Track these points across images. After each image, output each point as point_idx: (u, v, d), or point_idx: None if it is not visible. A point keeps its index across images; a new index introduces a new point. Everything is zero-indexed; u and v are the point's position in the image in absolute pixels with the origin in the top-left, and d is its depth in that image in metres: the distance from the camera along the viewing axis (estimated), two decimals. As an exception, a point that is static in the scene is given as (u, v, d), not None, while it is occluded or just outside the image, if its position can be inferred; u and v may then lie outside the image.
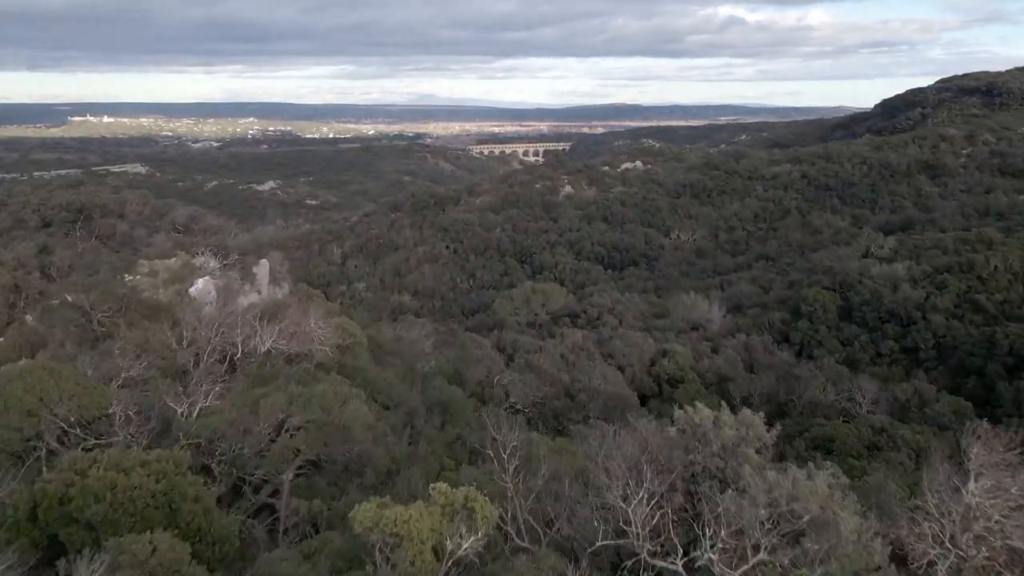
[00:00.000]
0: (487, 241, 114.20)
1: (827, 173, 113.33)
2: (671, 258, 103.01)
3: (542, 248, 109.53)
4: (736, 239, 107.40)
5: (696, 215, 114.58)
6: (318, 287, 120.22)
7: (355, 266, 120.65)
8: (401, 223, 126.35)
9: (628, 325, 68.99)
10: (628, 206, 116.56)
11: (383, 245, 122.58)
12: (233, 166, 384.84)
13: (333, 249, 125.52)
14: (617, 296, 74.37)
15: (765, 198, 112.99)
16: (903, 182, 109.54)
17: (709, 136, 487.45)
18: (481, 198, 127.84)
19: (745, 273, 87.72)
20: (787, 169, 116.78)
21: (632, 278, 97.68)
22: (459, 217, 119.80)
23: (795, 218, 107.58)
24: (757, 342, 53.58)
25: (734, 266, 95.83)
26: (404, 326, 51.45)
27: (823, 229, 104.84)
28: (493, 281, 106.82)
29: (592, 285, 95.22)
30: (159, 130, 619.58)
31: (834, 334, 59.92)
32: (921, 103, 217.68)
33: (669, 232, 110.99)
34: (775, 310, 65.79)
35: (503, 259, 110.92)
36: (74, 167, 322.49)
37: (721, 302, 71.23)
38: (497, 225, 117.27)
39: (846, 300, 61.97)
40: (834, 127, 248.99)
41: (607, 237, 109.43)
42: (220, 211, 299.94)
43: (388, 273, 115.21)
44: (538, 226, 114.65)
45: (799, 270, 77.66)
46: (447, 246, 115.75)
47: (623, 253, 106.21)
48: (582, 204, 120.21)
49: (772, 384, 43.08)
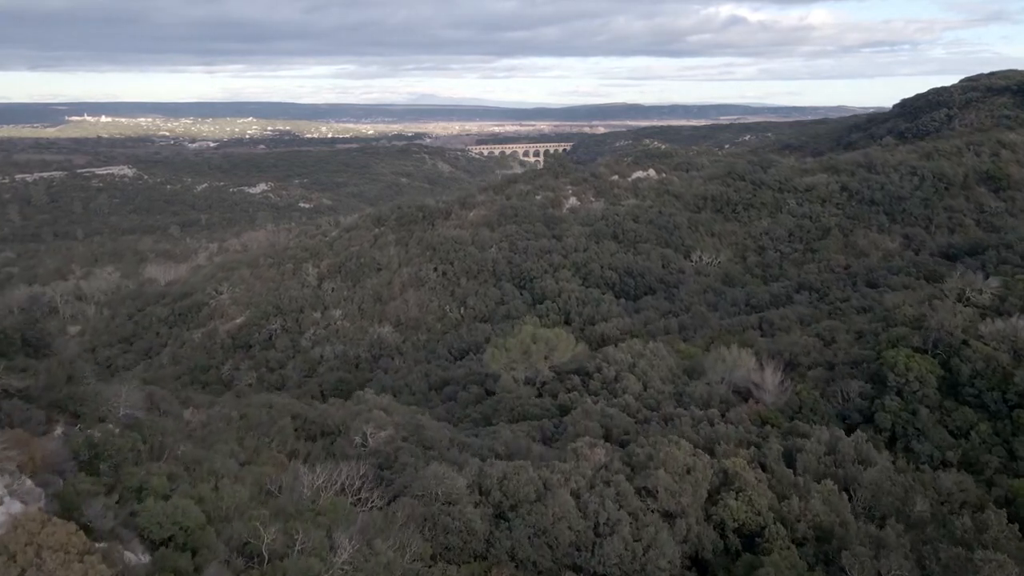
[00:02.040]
0: (481, 262, 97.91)
1: (870, 185, 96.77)
2: (694, 285, 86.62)
3: (544, 271, 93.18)
4: (768, 262, 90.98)
5: (720, 233, 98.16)
6: (290, 313, 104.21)
7: (332, 289, 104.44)
8: (385, 239, 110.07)
9: (656, 391, 52.85)
10: (641, 222, 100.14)
11: (364, 265, 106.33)
12: (226, 167, 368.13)
13: (308, 268, 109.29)
14: (639, 348, 58.03)
15: (800, 214, 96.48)
16: (960, 195, 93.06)
17: (712, 136, 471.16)
18: (475, 211, 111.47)
19: (789, 310, 71.31)
20: (823, 180, 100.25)
21: (649, 310, 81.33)
22: (449, 234, 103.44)
23: (836, 238, 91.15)
24: (848, 446, 37.27)
25: (770, 298, 79.43)
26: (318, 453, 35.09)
27: (869, 251, 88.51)
28: (487, 311, 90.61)
29: (603, 321, 78.99)
30: (156, 130, 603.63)
31: (938, 417, 43.66)
32: (946, 103, 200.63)
33: (690, 253, 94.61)
34: (847, 374, 49.48)
35: (499, 284, 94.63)
36: (60, 169, 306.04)
37: (771, 358, 55.01)
38: (492, 243, 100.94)
39: (949, 370, 45.74)
40: (850, 129, 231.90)
41: (618, 259, 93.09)
42: (209, 214, 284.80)
43: (368, 298, 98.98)
44: (539, 245, 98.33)
45: (867, 315, 61.14)
46: (435, 268, 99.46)
47: (637, 278, 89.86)
48: (589, 219, 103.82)
49: (903, 554, 26.66)
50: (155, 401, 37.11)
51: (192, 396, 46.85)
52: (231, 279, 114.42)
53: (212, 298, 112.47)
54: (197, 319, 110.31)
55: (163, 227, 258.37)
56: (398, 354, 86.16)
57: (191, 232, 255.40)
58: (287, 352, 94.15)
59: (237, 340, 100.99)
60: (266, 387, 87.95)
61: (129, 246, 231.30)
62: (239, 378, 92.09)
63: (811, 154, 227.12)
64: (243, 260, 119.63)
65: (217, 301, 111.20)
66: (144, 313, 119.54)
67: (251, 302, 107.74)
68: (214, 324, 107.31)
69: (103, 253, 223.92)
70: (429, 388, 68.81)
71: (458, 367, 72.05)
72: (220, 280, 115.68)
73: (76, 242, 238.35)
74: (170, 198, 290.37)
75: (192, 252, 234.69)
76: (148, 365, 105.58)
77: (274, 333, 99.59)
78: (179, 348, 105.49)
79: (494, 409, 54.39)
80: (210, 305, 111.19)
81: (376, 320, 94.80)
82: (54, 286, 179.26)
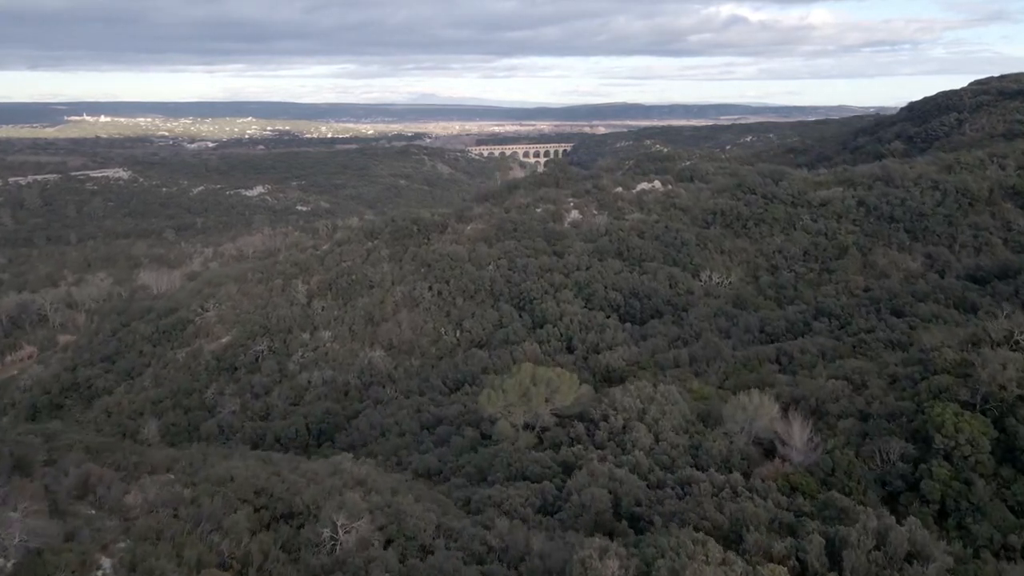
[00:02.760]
0: (478, 281, 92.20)
1: (889, 200, 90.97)
2: (704, 308, 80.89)
3: (544, 292, 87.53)
4: (782, 283, 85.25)
5: (730, 250, 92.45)
6: (277, 333, 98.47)
7: (322, 308, 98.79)
8: (378, 254, 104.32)
9: (669, 444, 47.17)
10: (647, 238, 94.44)
11: (356, 282, 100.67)
12: (223, 169, 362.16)
13: (298, 285, 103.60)
14: (649, 392, 52.36)
15: (815, 230, 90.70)
16: (985, 212, 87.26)
17: (714, 137, 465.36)
18: (472, 225, 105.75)
19: (808, 341, 65.64)
20: (839, 194, 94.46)
21: (658, 337, 75.64)
22: (445, 250, 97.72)
23: (854, 257, 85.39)
24: (901, 537, 31.60)
25: (787, 324, 73.70)
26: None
27: (890, 272, 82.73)
28: (485, 334, 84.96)
29: (608, 349, 73.35)
30: (156, 130, 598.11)
31: (995, 489, 38.07)
32: (956, 107, 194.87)
33: (699, 272, 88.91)
34: (883, 429, 43.78)
35: (497, 304, 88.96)
36: (54, 171, 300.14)
37: (795, 405, 49.43)
38: (490, 260, 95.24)
39: (1003, 430, 40.14)
40: (856, 132, 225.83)
41: (623, 279, 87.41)
42: (205, 218, 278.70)
43: (360, 319, 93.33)
44: (540, 262, 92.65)
45: (900, 354, 55.38)
46: (430, 286, 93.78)
47: (644, 300, 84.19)
48: (592, 235, 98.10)
49: None
50: (90, 485, 31.48)
51: (147, 456, 41.16)
52: (217, 295, 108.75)
53: (198, 315, 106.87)
54: (182, 337, 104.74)
55: (158, 231, 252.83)
56: (390, 381, 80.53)
57: (186, 236, 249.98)
58: (273, 376, 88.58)
59: (222, 361, 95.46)
60: (250, 416, 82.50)
61: (123, 251, 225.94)
62: (223, 404, 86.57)
63: (816, 158, 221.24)
64: (231, 274, 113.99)
65: (202, 319, 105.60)
66: (128, 329, 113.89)
67: (238, 320, 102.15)
68: (199, 343, 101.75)
69: (96, 258, 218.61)
70: (421, 427, 63.21)
71: (452, 403, 66.37)
72: (206, 296, 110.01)
73: (69, 247, 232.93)
74: (165, 201, 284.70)
75: (187, 257, 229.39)
76: (130, 386, 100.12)
77: (261, 355, 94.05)
78: (162, 369, 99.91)
79: (490, 463, 48.77)
80: (195, 323, 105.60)
81: (367, 343, 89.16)
82: (44, 294, 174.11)
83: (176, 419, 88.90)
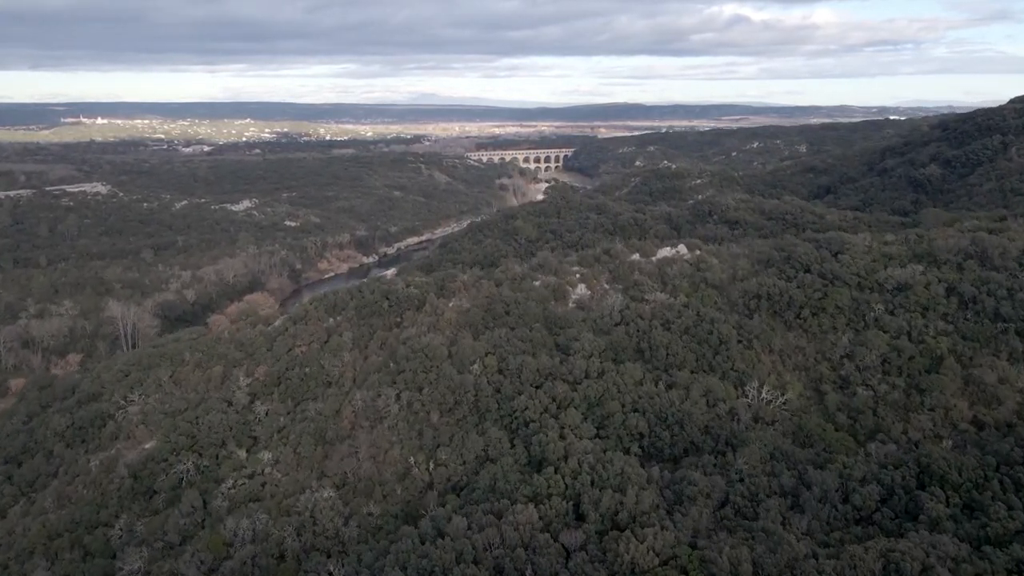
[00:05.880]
0: (459, 389, 69.71)
1: (990, 288, 68.26)
2: (758, 449, 58.51)
3: (543, 411, 65.15)
4: (858, 407, 62.77)
5: (781, 350, 69.96)
6: (208, 448, 75.86)
7: (265, 412, 76.53)
8: (339, 339, 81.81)
9: None
10: (675, 331, 71.89)
11: (309, 377, 78.35)
12: (211, 179, 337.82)
13: (239, 378, 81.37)
14: None
15: (894, 328, 67.98)
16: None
17: (718, 143, 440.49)
18: (455, 301, 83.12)
19: (925, 539, 43.32)
20: (919, 277, 71.71)
21: (698, 499, 53.40)
22: (419, 344, 75.11)
23: (952, 371, 62.89)
24: None
25: (881, 491, 51.34)
26: None
27: (1005, 397, 60.34)
28: (465, 473, 62.64)
29: (632, 521, 51.04)
30: (152, 132, 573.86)
31: None
32: (998, 128, 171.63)
33: (743, 382, 66.52)
34: None
35: (482, 426, 66.60)
36: (27, 187, 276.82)
37: None
38: (476, 357, 72.69)
39: None
40: (884, 152, 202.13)
41: (647, 395, 64.99)
42: (187, 235, 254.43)
43: (309, 435, 70.90)
44: (538, 364, 70.17)
45: None
46: (398, 394, 71.28)
47: (674, 430, 61.88)
48: (603, 322, 75.54)
49: None
50: None
51: None
52: (145, 383, 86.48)
53: (120, 408, 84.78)
54: (99, 438, 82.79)
55: (135, 251, 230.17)
56: (337, 549, 58.29)
57: (165, 256, 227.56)
58: (193, 518, 66.43)
59: (138, 482, 73.52)
60: (153, 587, 60.53)
61: (94, 275, 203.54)
62: (126, 557, 64.53)
63: (839, 179, 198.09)
64: (166, 353, 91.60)
65: (124, 416, 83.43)
66: (41, 419, 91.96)
67: (164, 421, 79.97)
68: (116, 449, 79.81)
69: (65, 283, 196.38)
70: None
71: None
72: (133, 383, 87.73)
73: (37, 270, 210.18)
74: (146, 218, 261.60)
75: (163, 282, 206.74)
76: (28, 506, 78.46)
77: (184, 476, 72.04)
78: (68, 484, 78.02)
79: None
80: (116, 419, 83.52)
81: (315, 474, 66.90)
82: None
83: (71, 569, 67.16)
